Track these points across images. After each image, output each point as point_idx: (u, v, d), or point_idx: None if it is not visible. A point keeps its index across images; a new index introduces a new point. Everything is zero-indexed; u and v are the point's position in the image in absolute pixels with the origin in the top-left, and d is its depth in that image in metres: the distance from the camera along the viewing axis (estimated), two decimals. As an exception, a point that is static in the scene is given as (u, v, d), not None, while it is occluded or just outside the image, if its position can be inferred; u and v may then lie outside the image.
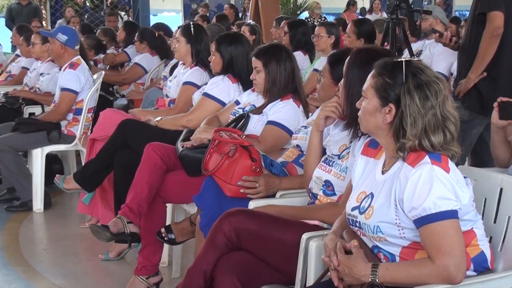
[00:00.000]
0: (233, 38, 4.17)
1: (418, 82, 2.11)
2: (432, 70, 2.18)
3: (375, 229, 2.15)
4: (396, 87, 2.12)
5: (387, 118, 2.15)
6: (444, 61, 5.30)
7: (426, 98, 2.10)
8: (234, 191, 3.01)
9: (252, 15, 8.86)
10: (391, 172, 2.18)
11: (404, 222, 2.11)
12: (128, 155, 3.98)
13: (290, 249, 2.52)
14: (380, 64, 2.21)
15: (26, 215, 5.11)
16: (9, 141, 5.13)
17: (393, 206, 2.12)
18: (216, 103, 4.07)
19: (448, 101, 2.13)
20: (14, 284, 3.83)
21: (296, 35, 5.97)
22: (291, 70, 3.52)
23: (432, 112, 2.10)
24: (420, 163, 2.08)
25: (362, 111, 2.23)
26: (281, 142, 3.48)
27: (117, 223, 3.48)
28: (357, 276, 2.10)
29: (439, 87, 2.11)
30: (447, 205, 2.03)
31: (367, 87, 2.21)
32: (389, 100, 2.14)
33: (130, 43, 7.07)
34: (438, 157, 2.10)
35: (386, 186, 2.17)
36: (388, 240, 2.14)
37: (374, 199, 2.19)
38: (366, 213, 2.18)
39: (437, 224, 2.03)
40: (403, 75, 2.12)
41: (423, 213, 2.04)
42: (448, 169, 2.08)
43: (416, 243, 2.12)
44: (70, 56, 5.26)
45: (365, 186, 2.27)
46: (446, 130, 2.11)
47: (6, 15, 11.54)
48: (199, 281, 2.52)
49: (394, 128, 2.14)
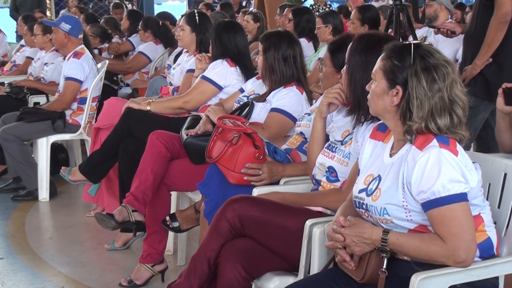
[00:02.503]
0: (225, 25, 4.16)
1: (425, 65, 2.10)
2: (442, 54, 2.17)
3: (382, 211, 2.15)
4: (404, 70, 2.12)
5: (395, 100, 2.15)
6: (449, 47, 5.26)
7: (433, 80, 2.09)
8: (237, 179, 3.01)
9: (256, 3, 8.84)
10: (399, 155, 2.17)
11: (411, 204, 2.10)
12: (132, 143, 3.98)
13: (293, 235, 2.52)
14: (389, 47, 2.20)
15: (32, 204, 5.13)
16: (14, 130, 5.14)
17: (400, 189, 2.12)
18: (212, 86, 4.07)
19: (457, 85, 2.12)
20: (20, 272, 3.85)
21: (300, 22, 5.96)
22: (293, 58, 3.49)
23: (439, 95, 2.09)
24: (428, 146, 2.08)
25: (370, 94, 2.23)
26: (285, 129, 3.47)
27: (122, 212, 3.49)
28: (369, 241, 2.11)
29: (447, 70, 2.11)
30: (456, 188, 2.03)
31: (376, 69, 2.21)
32: (397, 82, 2.14)
33: (134, 32, 7.06)
34: (446, 140, 2.09)
35: (394, 168, 2.16)
36: (395, 223, 2.14)
37: (381, 181, 2.18)
38: (373, 195, 2.18)
39: (447, 208, 2.02)
40: (411, 57, 2.12)
41: (432, 196, 2.03)
42: (457, 152, 2.08)
43: (422, 226, 2.12)
44: (73, 45, 5.26)
45: (373, 169, 2.27)
46: (454, 113, 2.11)
47: (10, 5, 11.54)
48: (203, 267, 2.53)
49: (401, 111, 2.14)
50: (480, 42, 4.02)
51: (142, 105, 4.13)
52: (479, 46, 4.03)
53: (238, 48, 4.10)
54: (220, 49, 4.10)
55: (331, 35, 5.52)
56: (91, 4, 12.84)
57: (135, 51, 6.84)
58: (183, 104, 4.10)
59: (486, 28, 3.96)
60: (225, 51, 4.09)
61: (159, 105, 4.15)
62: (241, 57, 4.11)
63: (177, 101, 4.15)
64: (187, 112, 4.10)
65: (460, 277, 2.06)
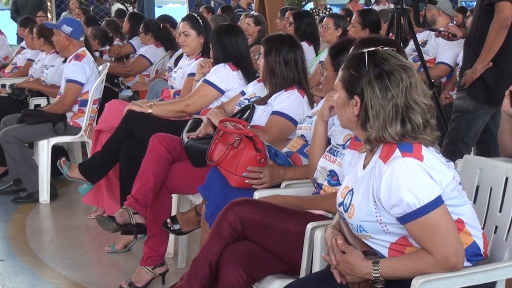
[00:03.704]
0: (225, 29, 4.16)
1: (379, 72, 2.07)
2: (400, 58, 2.12)
3: (358, 228, 2.14)
4: (360, 79, 2.09)
5: (355, 110, 2.12)
6: (449, 51, 5.28)
7: (386, 88, 2.05)
8: (239, 182, 3.02)
9: (257, 6, 8.85)
10: (369, 167, 2.15)
11: (386, 217, 2.08)
12: (133, 146, 3.99)
13: (295, 238, 2.52)
14: (348, 56, 2.19)
15: (32, 206, 5.14)
16: (15, 132, 5.15)
17: (372, 202, 2.09)
18: (214, 90, 4.07)
19: (415, 89, 2.07)
20: (21, 274, 3.85)
21: (301, 26, 5.97)
22: (294, 62, 3.49)
23: (393, 102, 2.05)
24: (390, 158, 2.04)
25: (334, 105, 2.23)
26: (286, 132, 3.48)
27: (123, 214, 3.49)
28: (359, 275, 2.09)
29: (401, 76, 2.06)
30: (429, 194, 1.99)
31: (337, 81, 2.19)
32: (355, 92, 2.11)
33: (135, 34, 7.07)
34: (409, 147, 2.05)
35: (364, 182, 2.14)
36: (374, 237, 2.12)
37: (354, 196, 2.16)
38: (349, 212, 2.17)
39: (424, 218, 2.00)
40: (366, 66, 2.09)
41: (408, 209, 2.00)
42: (421, 157, 2.04)
43: (403, 238, 2.09)
44: (75, 47, 5.27)
45: (348, 180, 2.26)
46: (408, 120, 2.05)
47: (11, 7, 11.55)
48: (204, 270, 2.53)
49: (361, 121, 2.11)
50: (480, 46, 4.03)
51: (144, 108, 4.13)
52: (479, 50, 4.03)
53: (239, 51, 4.10)
54: (222, 52, 4.10)
55: (337, 39, 5.52)
56: (92, 7, 12.87)
57: (136, 54, 6.85)
58: (184, 107, 4.10)
59: (486, 32, 3.97)
60: (227, 55, 4.09)
61: (160, 108, 4.15)
62: (243, 60, 4.12)
63: (179, 104, 4.15)
64: (189, 115, 4.10)
65: (461, 281, 2.06)
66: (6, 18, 11.55)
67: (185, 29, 4.60)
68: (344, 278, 2.15)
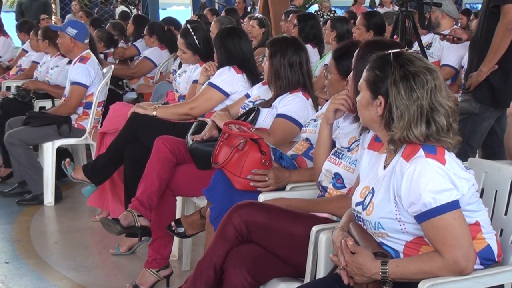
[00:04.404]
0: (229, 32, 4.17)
1: (404, 73, 2.10)
2: (424, 61, 2.16)
3: (376, 225, 2.15)
4: (385, 80, 2.13)
5: (378, 110, 2.16)
6: (454, 54, 5.27)
7: (411, 89, 2.08)
8: (243, 184, 3.01)
9: (261, 9, 8.86)
10: (390, 167, 2.17)
11: (405, 216, 2.10)
12: (138, 148, 3.99)
13: (300, 241, 2.52)
14: (372, 57, 2.22)
15: (37, 208, 5.15)
16: (20, 135, 5.16)
17: (392, 201, 2.11)
18: (219, 93, 4.08)
19: (440, 92, 2.10)
20: (26, 277, 3.85)
21: (305, 28, 5.97)
22: (299, 64, 3.49)
23: (418, 103, 2.08)
24: (414, 157, 2.07)
25: (357, 105, 2.26)
26: (291, 135, 3.47)
27: (128, 217, 3.49)
28: (368, 275, 2.10)
29: (426, 78, 2.09)
30: (447, 197, 2.02)
31: (361, 81, 2.22)
32: (379, 92, 2.14)
33: (139, 37, 7.08)
34: (433, 149, 2.08)
35: (385, 181, 2.16)
36: (390, 236, 2.14)
37: (374, 195, 2.19)
38: (367, 210, 2.18)
39: (439, 218, 2.02)
40: (391, 67, 2.12)
41: (424, 208, 2.03)
42: (444, 160, 2.07)
43: (419, 238, 2.11)
44: (79, 50, 5.28)
45: (368, 181, 2.28)
46: (433, 121, 2.09)
47: (16, 10, 11.58)
48: (209, 273, 2.53)
49: (385, 120, 2.14)
50: (485, 49, 4.02)
51: (148, 110, 4.13)
52: (484, 53, 4.03)
53: (243, 53, 4.10)
54: (226, 55, 4.10)
55: (334, 41, 5.53)
56: (96, 9, 12.89)
57: (140, 56, 6.86)
58: (189, 110, 4.11)
59: (492, 35, 3.96)
60: (231, 57, 4.09)
61: (165, 110, 4.16)
62: (247, 62, 4.12)
63: (183, 107, 4.16)
64: (193, 118, 4.10)
65: (467, 285, 2.06)
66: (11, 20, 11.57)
67: (182, 47, 4.68)
68: (352, 279, 2.15)
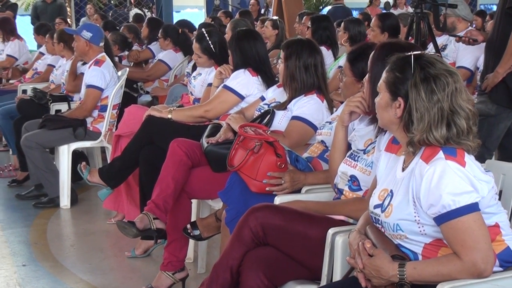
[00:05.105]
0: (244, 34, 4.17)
1: (425, 75, 2.10)
2: (445, 63, 2.16)
3: (395, 227, 2.15)
4: (405, 81, 2.13)
5: (398, 112, 2.16)
6: (469, 55, 5.24)
7: (432, 91, 2.08)
8: (259, 187, 3.01)
9: (275, 11, 8.87)
10: (409, 169, 2.17)
11: (424, 218, 2.10)
12: (153, 151, 4.00)
13: (316, 244, 2.51)
14: (393, 59, 2.22)
15: (53, 211, 5.17)
16: (37, 138, 5.19)
17: (411, 203, 2.11)
18: (234, 96, 4.08)
19: (460, 95, 2.10)
20: (42, 279, 3.87)
21: (319, 30, 5.95)
22: (314, 67, 3.49)
23: (439, 106, 2.08)
24: (434, 159, 2.07)
25: (376, 106, 2.26)
26: (306, 137, 3.47)
27: (143, 219, 3.50)
28: (386, 277, 2.10)
29: (447, 80, 2.09)
30: (466, 199, 2.01)
31: (381, 82, 2.23)
32: (399, 94, 2.15)
33: (153, 40, 7.10)
34: (453, 152, 2.08)
35: (404, 183, 2.16)
36: (409, 238, 2.14)
37: (393, 197, 2.18)
38: (386, 212, 2.18)
39: (458, 221, 2.01)
40: (412, 69, 2.12)
41: (443, 210, 2.02)
42: (464, 163, 2.06)
43: (438, 240, 2.11)
44: (95, 53, 5.30)
45: (387, 183, 2.27)
46: (453, 123, 2.09)
47: (31, 13, 11.66)
48: (225, 276, 2.53)
49: (404, 122, 2.14)
50: (502, 50, 4.00)
51: (163, 113, 4.14)
52: (501, 54, 4.00)
53: (259, 55, 4.10)
54: (241, 58, 4.10)
55: (347, 42, 5.52)
56: (110, 12, 12.96)
57: (155, 59, 6.88)
58: (204, 113, 4.11)
59: (508, 36, 3.94)
60: (246, 60, 4.09)
61: (180, 113, 4.16)
62: (262, 64, 4.11)
63: (198, 110, 4.16)
64: (208, 120, 4.11)
65: (486, 287, 2.04)
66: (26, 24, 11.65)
67: (197, 52, 4.70)
68: (369, 282, 2.15)
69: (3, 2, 11.02)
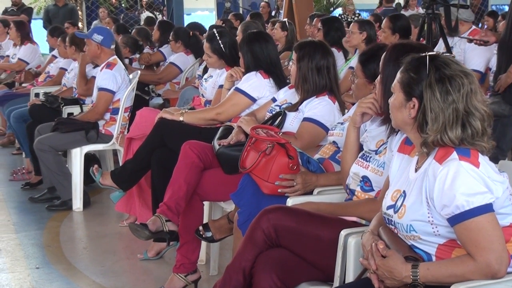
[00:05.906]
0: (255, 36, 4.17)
1: (440, 76, 2.10)
2: (460, 64, 2.15)
3: (408, 228, 2.14)
4: (420, 82, 2.13)
5: (412, 113, 2.16)
6: (478, 58, 5.22)
7: (447, 92, 2.08)
8: (271, 189, 3.01)
9: (285, 13, 8.86)
10: (422, 170, 2.16)
11: (437, 219, 2.09)
12: (165, 154, 4.01)
13: (328, 245, 2.51)
14: (407, 59, 2.22)
15: (66, 214, 5.20)
16: (49, 141, 5.22)
17: (425, 204, 2.10)
18: (246, 98, 4.08)
19: (475, 96, 2.10)
20: (56, 282, 3.89)
21: (330, 31, 5.95)
22: (326, 69, 3.49)
23: (454, 107, 2.07)
24: (447, 159, 2.06)
25: (390, 106, 2.26)
26: (318, 139, 3.47)
27: (156, 222, 3.51)
28: (399, 278, 2.09)
29: (462, 81, 2.09)
30: (480, 200, 2.01)
31: (395, 82, 2.23)
32: (413, 94, 2.14)
33: (165, 42, 7.12)
34: (467, 152, 2.07)
35: (417, 184, 2.15)
36: (422, 239, 2.13)
37: (406, 197, 2.18)
38: (399, 212, 2.18)
39: (472, 221, 2.00)
40: (427, 69, 2.12)
41: (457, 211, 2.02)
42: (478, 163, 2.05)
43: (452, 240, 2.10)
44: (106, 56, 5.32)
45: (400, 184, 2.27)
46: (468, 124, 2.08)
47: (43, 17, 11.73)
48: (238, 278, 2.53)
49: (418, 123, 2.14)
50: (515, 51, 3.99)
51: (175, 116, 4.15)
52: (514, 55, 3.99)
53: (270, 58, 4.10)
54: (252, 60, 4.10)
55: (363, 42, 5.50)
56: (121, 15, 13.02)
57: (166, 62, 6.90)
58: (216, 115, 4.11)
59: (520, 37, 3.93)
60: (258, 62, 4.09)
61: (192, 115, 4.17)
62: (273, 67, 4.11)
63: (210, 113, 4.17)
64: (220, 123, 4.11)
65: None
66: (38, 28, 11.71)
67: (207, 52, 4.69)
68: (382, 283, 2.14)
69: (19, 6, 11.08)
